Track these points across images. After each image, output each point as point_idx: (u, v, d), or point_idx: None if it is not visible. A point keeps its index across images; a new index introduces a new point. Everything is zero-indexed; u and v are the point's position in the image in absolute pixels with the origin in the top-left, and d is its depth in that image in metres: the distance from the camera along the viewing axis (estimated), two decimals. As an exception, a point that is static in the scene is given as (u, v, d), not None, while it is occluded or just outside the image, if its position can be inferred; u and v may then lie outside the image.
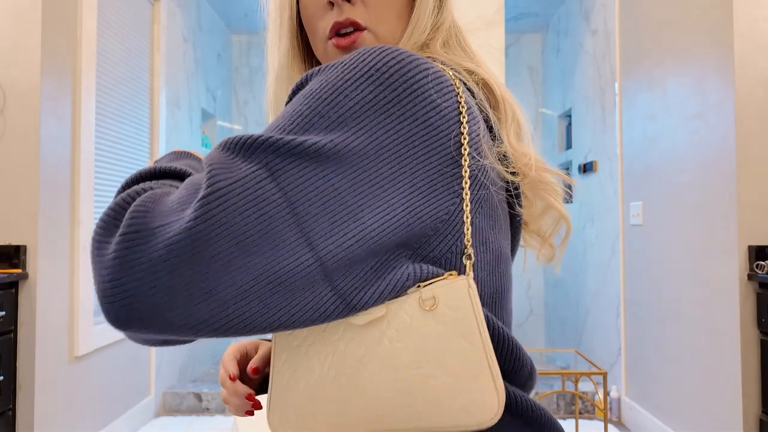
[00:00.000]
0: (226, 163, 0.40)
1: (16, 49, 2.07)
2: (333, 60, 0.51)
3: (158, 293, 0.38)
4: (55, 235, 2.18)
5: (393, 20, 0.57)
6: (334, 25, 0.55)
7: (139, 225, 0.38)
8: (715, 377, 2.16)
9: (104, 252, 0.39)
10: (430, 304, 0.45)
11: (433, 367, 0.45)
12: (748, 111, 2.03)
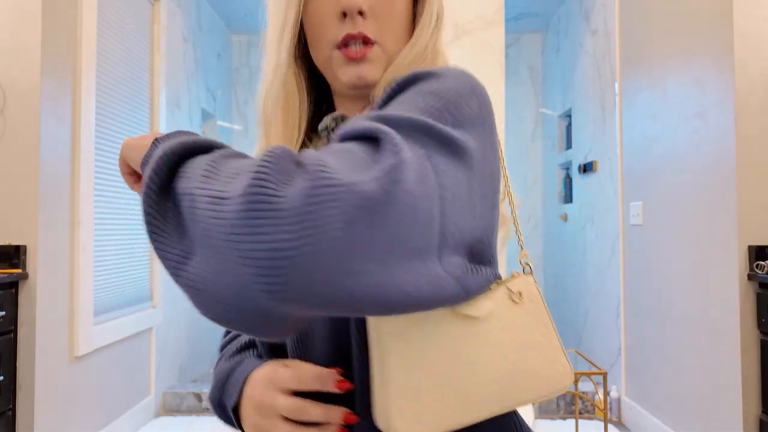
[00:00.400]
0: (396, 136, 0.40)
1: (16, 49, 2.07)
2: (336, 68, 0.58)
3: (348, 254, 0.36)
4: (55, 235, 2.18)
5: (399, 35, 0.60)
6: (346, 36, 0.57)
7: (328, 178, 0.36)
8: (715, 377, 2.16)
9: (278, 207, 0.35)
10: (517, 297, 0.54)
11: (528, 349, 0.53)
12: (748, 111, 2.03)
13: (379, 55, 0.59)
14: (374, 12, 0.58)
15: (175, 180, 0.43)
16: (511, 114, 4.33)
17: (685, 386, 2.37)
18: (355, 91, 0.60)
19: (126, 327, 2.70)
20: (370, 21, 0.58)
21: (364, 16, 0.57)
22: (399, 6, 0.59)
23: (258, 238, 0.35)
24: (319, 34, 0.59)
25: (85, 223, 2.35)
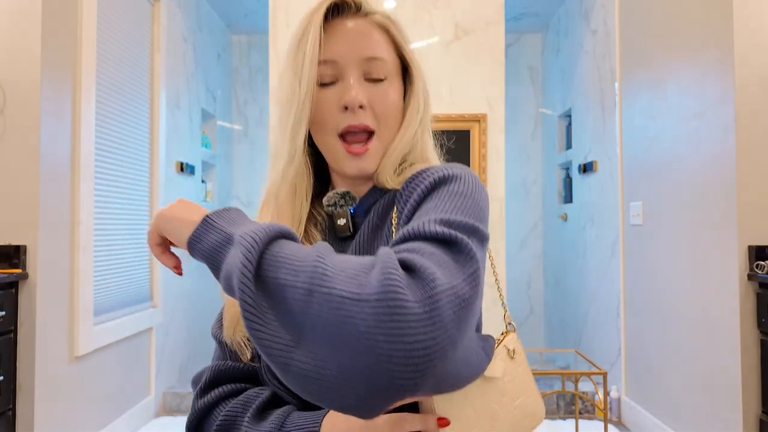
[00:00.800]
0: (468, 243, 0.50)
1: (16, 49, 2.07)
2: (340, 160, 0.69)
3: (463, 347, 0.46)
4: (55, 235, 2.18)
5: (392, 124, 0.70)
6: (348, 127, 0.67)
7: (440, 285, 0.44)
8: (715, 377, 2.16)
9: (411, 312, 0.41)
10: (512, 354, 0.67)
11: (526, 395, 0.67)
12: (748, 111, 2.03)
13: (377, 147, 0.69)
14: (371, 105, 0.67)
15: (268, 269, 0.46)
16: (511, 114, 4.33)
17: (685, 386, 2.37)
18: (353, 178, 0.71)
19: (126, 327, 2.70)
20: (369, 113, 0.67)
21: (363, 109, 0.67)
22: (392, 99, 0.69)
23: (396, 339, 0.41)
24: (323, 123, 0.68)
25: (85, 223, 2.35)
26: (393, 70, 0.70)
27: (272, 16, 3.06)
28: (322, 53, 0.66)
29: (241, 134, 4.58)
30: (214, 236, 0.52)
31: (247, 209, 4.55)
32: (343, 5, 0.69)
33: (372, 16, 0.70)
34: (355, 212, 0.71)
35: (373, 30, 0.69)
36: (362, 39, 0.68)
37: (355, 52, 0.67)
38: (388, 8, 0.75)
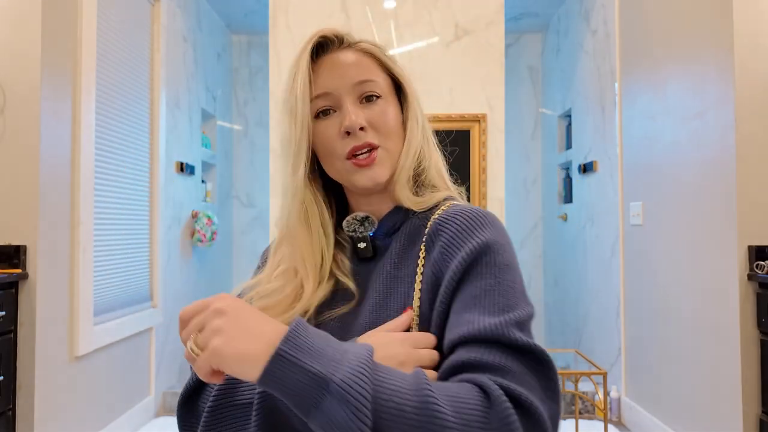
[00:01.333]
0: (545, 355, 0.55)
1: (16, 49, 2.07)
2: (350, 176, 0.71)
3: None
4: (55, 235, 2.18)
5: (395, 138, 0.73)
6: (353, 148, 0.69)
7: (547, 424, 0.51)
8: (715, 377, 2.16)
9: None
10: None
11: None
12: (748, 111, 2.03)
13: (383, 155, 0.71)
14: (371, 124, 0.70)
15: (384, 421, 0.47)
16: (511, 114, 4.33)
17: (685, 386, 2.37)
18: (369, 191, 0.73)
19: (126, 327, 2.70)
20: (371, 132, 0.70)
21: (364, 130, 0.69)
22: (390, 115, 0.72)
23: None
24: (329, 151, 0.71)
25: (85, 223, 2.35)
26: (387, 89, 0.73)
27: (272, 16, 3.06)
28: (315, 88, 0.70)
29: (241, 134, 4.58)
30: (297, 377, 0.47)
31: (247, 209, 4.56)
32: (327, 42, 0.73)
33: (356, 46, 0.74)
34: (375, 235, 0.74)
35: (360, 57, 0.72)
36: (351, 66, 0.71)
37: (346, 80, 0.70)
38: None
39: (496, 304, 0.58)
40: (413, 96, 0.76)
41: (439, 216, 0.69)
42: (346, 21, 3.06)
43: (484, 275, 0.60)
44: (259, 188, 4.55)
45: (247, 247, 4.57)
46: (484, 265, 0.61)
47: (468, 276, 0.61)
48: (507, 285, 0.60)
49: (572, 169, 3.81)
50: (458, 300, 0.60)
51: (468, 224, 0.65)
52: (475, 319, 0.56)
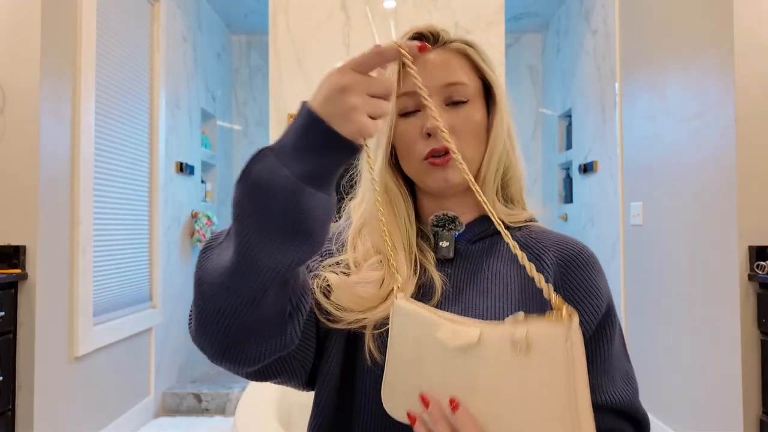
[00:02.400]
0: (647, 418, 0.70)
1: (16, 49, 2.07)
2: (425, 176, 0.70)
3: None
4: (55, 235, 2.18)
5: (476, 144, 0.71)
6: (432, 150, 0.68)
7: None
8: (715, 377, 2.16)
9: None
10: (521, 347, 0.47)
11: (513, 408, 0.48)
12: (748, 111, 2.03)
13: None
14: (454, 129, 0.68)
15: None
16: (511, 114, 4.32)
17: (685, 386, 2.37)
18: (441, 192, 0.72)
19: (126, 327, 2.69)
20: (451, 137, 0.65)
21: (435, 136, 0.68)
22: (475, 120, 0.70)
23: None
24: (408, 150, 0.70)
25: (85, 223, 2.35)
26: (475, 93, 0.71)
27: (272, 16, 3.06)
28: (402, 86, 0.68)
29: (240, 134, 4.58)
30: None
31: (247, 209, 4.55)
32: (421, 38, 0.71)
33: (450, 45, 0.71)
34: (458, 238, 0.72)
35: (451, 57, 0.70)
36: (440, 67, 0.69)
37: (434, 81, 0.68)
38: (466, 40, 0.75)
39: (619, 372, 0.67)
40: (503, 102, 0.73)
41: (560, 244, 0.71)
42: (346, 21, 3.06)
43: (609, 338, 0.67)
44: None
45: (247, 247, 4.56)
46: (609, 327, 0.67)
47: (597, 335, 0.66)
48: (621, 350, 0.69)
49: (572, 169, 3.81)
50: (587, 359, 0.63)
51: (595, 273, 0.69)
52: (608, 389, 0.65)
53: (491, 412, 0.49)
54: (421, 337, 0.54)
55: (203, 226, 3.54)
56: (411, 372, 0.55)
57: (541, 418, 0.46)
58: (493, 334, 0.49)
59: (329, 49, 3.06)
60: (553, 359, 0.46)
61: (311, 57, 3.05)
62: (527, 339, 0.46)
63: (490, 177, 0.71)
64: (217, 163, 4.13)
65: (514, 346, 0.47)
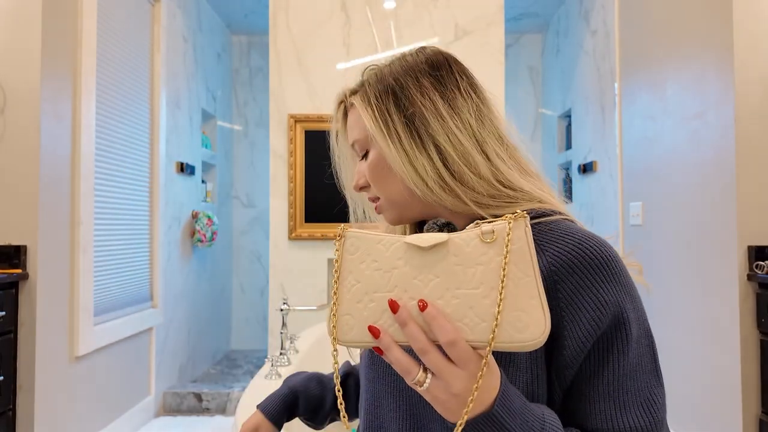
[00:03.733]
0: None
1: (16, 49, 2.07)
2: None
3: None
4: (55, 235, 2.18)
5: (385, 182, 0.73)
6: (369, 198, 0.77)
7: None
8: (715, 377, 2.16)
9: None
10: (489, 237, 0.53)
11: (487, 289, 0.52)
12: (748, 111, 2.03)
13: (384, 204, 0.74)
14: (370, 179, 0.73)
15: None
16: (511, 114, 4.33)
17: (685, 386, 2.37)
18: None
19: (126, 327, 2.70)
20: (371, 187, 0.75)
21: (366, 188, 0.75)
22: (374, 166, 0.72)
23: None
24: None
25: (85, 223, 2.35)
26: (369, 139, 0.74)
27: (272, 16, 3.06)
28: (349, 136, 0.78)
29: (241, 134, 4.58)
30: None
31: (247, 209, 4.56)
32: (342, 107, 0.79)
33: (350, 100, 0.76)
34: None
35: (352, 114, 0.75)
36: (349, 129, 0.76)
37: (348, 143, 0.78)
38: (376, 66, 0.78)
39: (637, 396, 0.58)
40: (379, 139, 0.69)
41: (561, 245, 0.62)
42: (346, 21, 3.06)
43: (617, 355, 0.58)
44: (259, 188, 4.55)
45: (247, 248, 4.57)
46: (619, 342, 0.58)
47: (595, 353, 0.59)
48: (645, 370, 0.59)
49: (572, 169, 3.81)
50: (587, 378, 0.59)
51: (598, 279, 0.60)
52: (614, 417, 0.57)
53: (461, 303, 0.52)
54: (381, 251, 0.56)
55: (204, 226, 3.54)
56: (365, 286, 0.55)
57: (517, 296, 0.52)
58: (459, 235, 0.54)
59: (329, 49, 3.06)
60: (519, 242, 0.53)
61: (311, 57, 3.05)
62: (492, 228, 0.53)
63: (437, 193, 0.66)
64: (217, 164, 4.13)
65: (483, 237, 0.53)
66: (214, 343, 4.12)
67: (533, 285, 0.52)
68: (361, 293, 0.55)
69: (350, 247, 0.57)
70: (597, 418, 0.58)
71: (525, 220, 0.53)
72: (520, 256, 0.53)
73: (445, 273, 0.53)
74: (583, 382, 0.59)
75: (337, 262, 0.57)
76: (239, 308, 4.57)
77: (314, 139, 3.03)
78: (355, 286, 0.55)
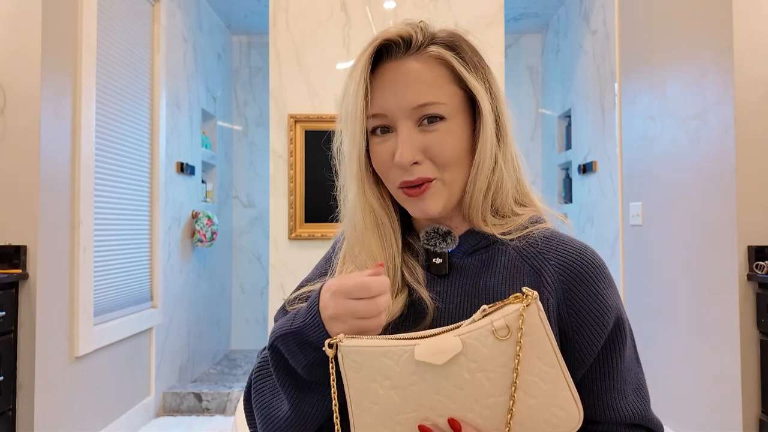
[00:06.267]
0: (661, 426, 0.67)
1: (16, 49, 2.07)
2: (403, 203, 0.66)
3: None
4: (55, 235, 2.18)
5: (458, 167, 0.64)
6: (403, 182, 0.63)
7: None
8: (715, 377, 2.16)
9: None
10: (503, 333, 0.49)
11: (517, 390, 0.49)
12: (748, 111, 2.03)
13: (439, 188, 0.64)
14: (428, 154, 0.62)
15: None
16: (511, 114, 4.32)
17: (685, 386, 2.37)
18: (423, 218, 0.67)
19: (126, 327, 2.70)
20: (426, 164, 0.63)
21: (419, 163, 0.62)
22: (450, 143, 0.63)
23: None
24: (384, 174, 0.66)
25: (85, 223, 2.35)
26: (453, 108, 0.63)
27: (272, 17, 3.06)
28: (371, 106, 0.62)
29: (241, 134, 4.58)
30: None
31: (247, 209, 4.56)
32: (391, 46, 0.64)
33: (427, 51, 0.63)
34: (452, 251, 0.67)
35: (426, 70, 0.62)
36: (412, 86, 0.62)
37: (403, 103, 0.61)
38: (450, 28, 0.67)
39: (631, 384, 0.65)
40: (488, 113, 0.63)
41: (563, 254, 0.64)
42: (346, 21, 3.06)
43: (619, 352, 0.64)
44: (259, 188, 4.55)
45: (247, 248, 4.57)
46: (619, 341, 0.64)
47: (605, 352, 0.64)
48: (633, 358, 0.67)
49: (572, 169, 3.81)
50: (596, 375, 0.63)
51: (601, 286, 0.63)
52: (619, 405, 0.63)
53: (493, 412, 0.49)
54: (391, 367, 0.50)
55: (203, 226, 3.54)
56: (385, 409, 0.51)
57: (547, 393, 0.49)
58: (471, 334, 0.49)
59: (329, 49, 3.06)
60: (536, 332, 0.49)
61: (311, 57, 3.05)
62: (506, 323, 0.49)
63: (478, 198, 0.65)
64: (217, 164, 4.13)
65: (497, 334, 0.49)
66: (214, 343, 4.12)
67: (560, 376, 0.50)
68: (384, 417, 0.51)
69: (352, 364, 0.52)
70: (605, 409, 0.63)
71: (536, 302, 0.49)
72: (541, 347, 0.49)
73: (468, 384, 0.49)
74: (591, 379, 0.63)
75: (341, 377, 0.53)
76: (239, 308, 4.57)
77: (314, 139, 3.03)
78: (373, 409, 0.51)
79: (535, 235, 0.66)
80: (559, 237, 0.66)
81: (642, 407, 0.64)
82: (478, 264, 0.66)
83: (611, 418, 0.63)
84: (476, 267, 0.66)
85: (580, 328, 0.62)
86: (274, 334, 0.63)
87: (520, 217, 0.67)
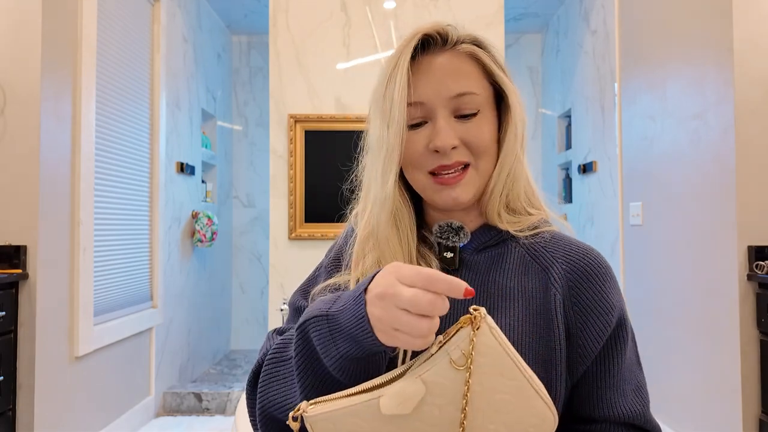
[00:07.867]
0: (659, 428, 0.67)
1: (16, 49, 2.07)
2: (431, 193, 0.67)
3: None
4: (55, 235, 2.18)
5: (489, 159, 0.68)
6: (440, 167, 0.65)
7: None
8: (715, 377, 2.16)
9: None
10: (461, 363, 0.49)
11: (489, 414, 0.49)
12: (748, 111, 2.03)
13: (473, 176, 0.67)
14: (465, 142, 0.65)
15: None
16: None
17: (685, 386, 2.37)
18: (449, 209, 0.69)
19: (126, 327, 2.70)
20: (462, 150, 0.66)
21: (456, 149, 0.65)
22: (486, 134, 0.66)
23: None
24: (414, 164, 0.67)
25: (85, 223, 2.35)
26: (485, 102, 0.67)
27: (272, 17, 3.06)
28: (410, 95, 0.64)
29: (241, 134, 4.58)
30: None
31: (247, 209, 4.56)
32: (429, 40, 0.67)
33: (459, 47, 0.67)
34: (463, 247, 0.69)
35: (461, 63, 0.66)
36: (449, 76, 0.65)
37: (442, 92, 0.65)
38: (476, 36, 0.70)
39: (631, 384, 0.66)
40: (516, 109, 0.68)
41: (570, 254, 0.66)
42: (346, 21, 3.06)
43: (620, 351, 0.66)
44: (259, 188, 4.55)
45: (247, 247, 4.57)
46: (621, 340, 0.66)
47: (606, 351, 0.65)
48: (634, 360, 0.68)
49: (572, 169, 3.81)
50: (597, 372, 0.65)
51: (606, 286, 0.65)
52: (617, 402, 0.64)
53: None
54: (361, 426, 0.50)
55: (203, 226, 3.54)
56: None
57: (520, 407, 0.50)
58: (429, 370, 0.49)
59: (329, 49, 3.06)
60: (492, 351, 0.49)
61: (311, 57, 3.05)
62: (462, 351, 0.49)
63: (498, 190, 0.68)
64: (217, 164, 4.13)
65: (455, 365, 0.49)
66: (214, 343, 4.12)
67: (527, 386, 0.50)
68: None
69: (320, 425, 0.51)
70: (604, 407, 0.64)
71: (485, 320, 0.49)
72: (501, 364, 0.49)
73: (440, 420, 0.49)
74: (592, 376, 0.65)
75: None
76: (239, 308, 4.57)
77: (314, 139, 3.03)
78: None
79: (544, 235, 0.69)
80: (566, 238, 0.70)
81: (640, 408, 0.65)
82: (487, 261, 0.68)
83: (609, 417, 0.63)
84: (486, 264, 0.68)
85: (583, 326, 0.64)
86: (306, 314, 0.57)
87: (532, 216, 0.70)
